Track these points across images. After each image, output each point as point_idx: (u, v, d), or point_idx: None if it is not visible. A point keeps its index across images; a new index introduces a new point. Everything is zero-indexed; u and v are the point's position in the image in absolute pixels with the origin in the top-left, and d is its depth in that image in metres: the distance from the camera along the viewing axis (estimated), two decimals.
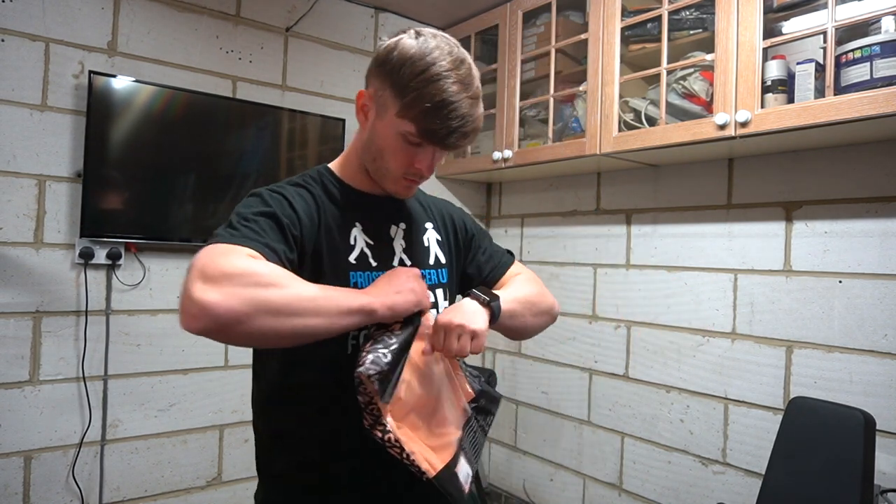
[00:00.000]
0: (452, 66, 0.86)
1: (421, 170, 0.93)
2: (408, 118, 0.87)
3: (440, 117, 0.85)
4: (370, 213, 0.99)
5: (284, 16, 2.27)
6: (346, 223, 0.96)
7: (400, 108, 0.87)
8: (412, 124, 0.87)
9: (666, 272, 2.01)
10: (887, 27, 1.35)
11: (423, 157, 0.92)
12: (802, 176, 1.69)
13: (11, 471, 1.77)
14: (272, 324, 0.72)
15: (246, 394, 2.36)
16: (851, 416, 1.31)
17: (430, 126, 0.86)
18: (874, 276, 1.54)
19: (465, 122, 0.87)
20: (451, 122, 0.85)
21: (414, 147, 0.90)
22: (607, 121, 1.85)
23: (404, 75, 0.86)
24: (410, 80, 0.85)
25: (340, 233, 0.94)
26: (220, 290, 0.69)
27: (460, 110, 0.86)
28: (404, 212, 1.04)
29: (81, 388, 1.87)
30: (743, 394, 1.78)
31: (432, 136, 0.87)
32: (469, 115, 0.87)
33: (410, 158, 0.91)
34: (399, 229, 1.02)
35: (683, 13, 1.73)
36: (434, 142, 0.88)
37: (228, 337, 0.72)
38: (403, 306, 0.86)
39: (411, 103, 0.86)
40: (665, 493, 1.97)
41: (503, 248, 1.20)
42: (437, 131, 0.86)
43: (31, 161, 1.79)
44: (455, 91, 0.85)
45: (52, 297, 1.82)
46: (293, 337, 0.76)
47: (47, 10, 1.81)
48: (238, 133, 2.09)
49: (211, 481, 2.12)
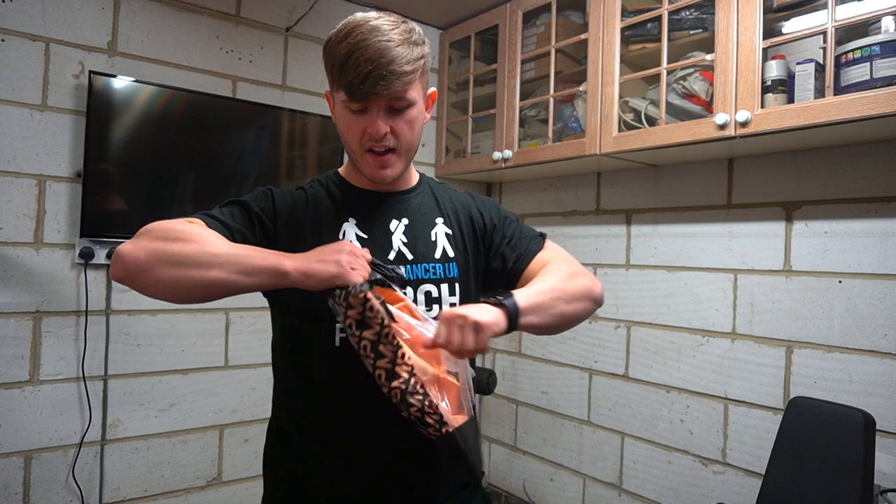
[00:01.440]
0: (359, 21, 0.88)
1: (372, 133, 0.90)
2: (336, 87, 0.90)
3: (350, 67, 0.85)
4: (368, 208, 1.01)
5: (284, 16, 2.27)
6: (337, 218, 0.98)
7: (330, 83, 0.92)
8: (341, 91, 0.89)
9: (666, 272, 2.01)
10: (887, 27, 1.35)
11: (369, 119, 0.90)
12: (802, 176, 1.69)
13: (11, 471, 1.77)
14: (172, 273, 0.79)
15: (246, 394, 2.36)
16: (851, 416, 1.31)
17: (347, 81, 0.86)
18: (874, 276, 1.54)
19: (377, 64, 0.85)
20: (360, 67, 0.85)
21: (357, 115, 0.91)
22: (607, 121, 1.85)
23: (326, 52, 0.91)
24: (327, 52, 0.90)
25: (330, 228, 0.97)
26: (134, 242, 0.81)
27: (367, 53, 0.85)
28: (408, 207, 1.04)
29: (81, 388, 1.87)
30: (743, 394, 1.78)
31: (354, 90, 0.86)
32: (380, 55, 0.85)
33: (360, 127, 0.91)
34: (401, 223, 1.01)
35: (683, 13, 1.73)
36: (358, 95, 0.87)
37: (135, 284, 0.81)
38: (320, 274, 0.81)
39: (331, 71, 0.90)
40: (665, 493, 1.97)
41: (533, 232, 1.10)
42: (353, 81, 0.85)
43: (31, 161, 1.79)
44: (360, 39, 0.85)
45: (52, 297, 1.82)
46: (192, 287, 0.80)
47: (47, 10, 1.81)
48: (238, 133, 2.09)
49: (211, 481, 2.12)
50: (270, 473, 1.04)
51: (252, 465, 2.20)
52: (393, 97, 0.89)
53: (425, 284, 0.99)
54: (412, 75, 0.89)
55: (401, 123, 0.92)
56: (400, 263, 0.98)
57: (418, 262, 0.99)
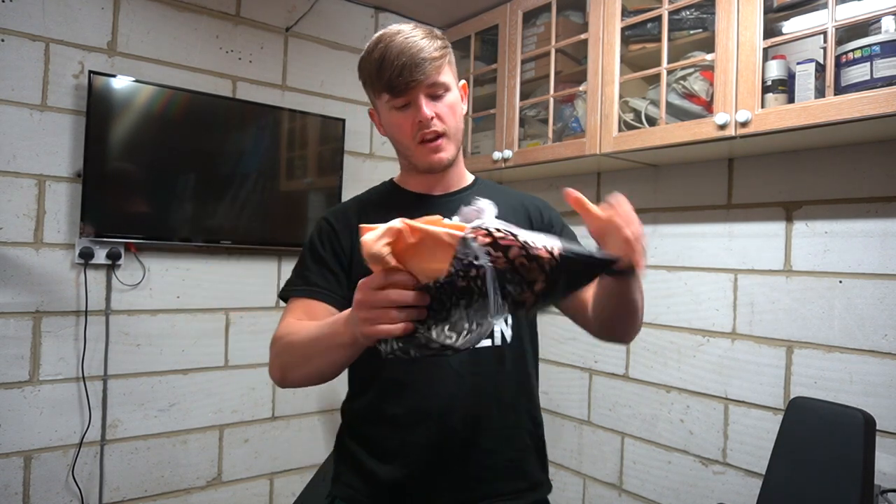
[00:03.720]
0: (383, 32, 0.98)
1: (421, 121, 0.97)
2: (379, 91, 0.98)
3: (385, 67, 0.94)
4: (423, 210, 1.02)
5: (284, 16, 2.26)
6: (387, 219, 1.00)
7: (373, 90, 1.01)
8: (384, 93, 0.97)
9: (666, 272, 2.01)
10: (887, 27, 1.35)
11: (414, 110, 0.97)
12: (802, 176, 1.69)
13: (11, 471, 1.77)
14: (296, 375, 0.94)
15: (246, 394, 2.36)
16: (851, 416, 1.31)
17: (385, 79, 0.95)
18: (874, 276, 1.54)
19: (408, 55, 0.94)
20: (395, 62, 0.93)
21: (402, 110, 0.98)
22: (607, 121, 1.85)
23: (361, 69, 1.02)
24: (363, 67, 1.00)
25: None
26: (271, 360, 0.99)
27: (396, 49, 0.94)
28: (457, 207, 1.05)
29: (81, 388, 1.87)
30: (743, 394, 1.78)
31: (394, 84, 0.95)
32: (408, 48, 0.94)
33: (409, 120, 0.98)
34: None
35: (683, 13, 1.73)
36: (398, 88, 0.95)
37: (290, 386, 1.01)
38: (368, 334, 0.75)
39: (370, 79, 0.99)
40: (665, 493, 1.97)
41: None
42: (391, 77, 0.94)
43: (31, 161, 1.79)
44: (388, 42, 0.95)
45: (52, 297, 1.82)
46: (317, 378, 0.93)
47: (47, 10, 1.81)
48: (238, 133, 2.09)
49: (211, 481, 2.12)
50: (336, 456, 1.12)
51: (252, 465, 2.21)
52: (430, 83, 0.96)
53: None
54: (441, 60, 0.97)
55: (443, 108, 0.99)
56: None
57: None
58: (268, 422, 2.24)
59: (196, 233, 2.02)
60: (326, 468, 2.06)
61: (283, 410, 2.28)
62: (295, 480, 2.29)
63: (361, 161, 2.45)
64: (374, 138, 2.49)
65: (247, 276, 2.18)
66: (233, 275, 2.15)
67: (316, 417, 2.36)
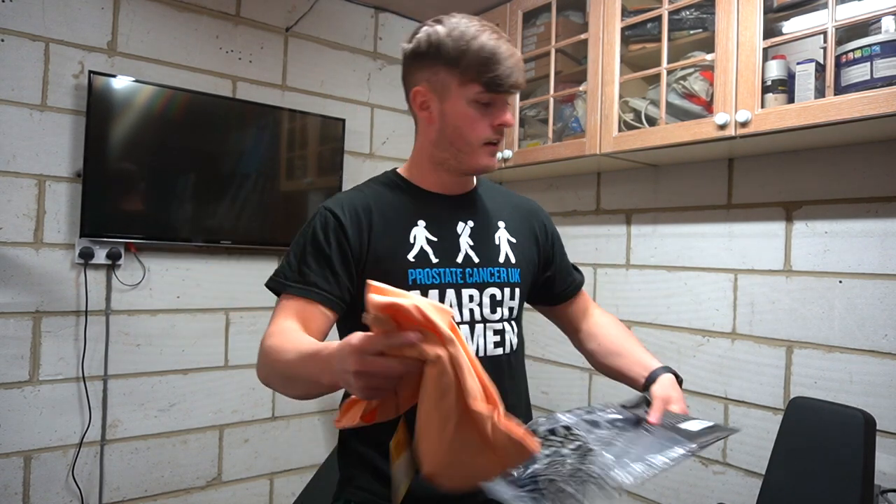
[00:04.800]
0: (483, 25, 0.96)
1: (503, 122, 0.96)
2: (470, 81, 0.93)
3: (496, 60, 0.92)
4: (436, 210, 1.03)
5: (284, 16, 2.26)
6: (406, 222, 1.00)
7: (460, 77, 0.94)
8: (476, 84, 0.93)
9: (666, 272, 2.01)
10: (887, 27, 1.35)
11: (500, 111, 0.96)
12: (802, 176, 1.69)
13: (11, 471, 1.77)
14: (284, 390, 0.89)
15: (246, 394, 2.36)
16: (851, 416, 1.30)
17: (491, 75, 0.92)
18: (874, 276, 1.54)
19: (517, 59, 0.94)
20: (508, 62, 0.92)
21: (485, 107, 0.95)
22: (607, 121, 1.85)
23: (450, 49, 0.93)
24: (457, 48, 0.93)
25: (399, 232, 0.99)
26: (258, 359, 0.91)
27: (509, 49, 0.94)
28: (473, 209, 1.07)
29: (81, 388, 1.87)
30: (743, 394, 1.78)
31: (498, 84, 0.92)
32: (517, 59, 0.95)
33: (488, 119, 0.96)
34: (466, 226, 1.04)
35: (683, 13, 1.73)
36: (501, 88, 0.93)
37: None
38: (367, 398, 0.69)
39: (468, 66, 0.92)
40: (665, 493, 1.97)
41: (571, 263, 1.23)
42: (499, 76, 0.92)
43: (31, 161, 1.79)
44: (497, 37, 0.94)
45: (52, 297, 1.82)
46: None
47: (47, 10, 1.81)
48: (238, 133, 2.09)
49: (211, 481, 2.12)
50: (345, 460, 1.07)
51: (252, 465, 2.20)
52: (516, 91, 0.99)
53: (490, 288, 1.02)
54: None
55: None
56: (467, 267, 1.01)
57: (484, 265, 1.02)
58: (268, 422, 2.24)
59: (196, 233, 2.02)
60: (327, 468, 2.06)
61: (283, 410, 2.28)
62: (295, 480, 2.29)
63: (361, 161, 2.45)
64: (374, 138, 2.50)
65: (247, 276, 2.18)
66: (233, 275, 2.15)
67: (316, 417, 2.36)
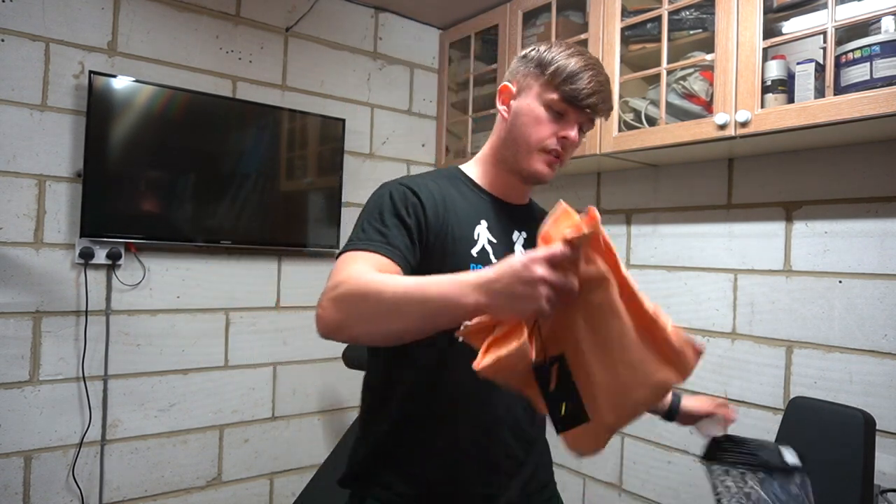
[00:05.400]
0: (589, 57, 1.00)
1: (566, 138, 0.98)
2: (551, 86, 0.97)
3: (580, 80, 0.95)
4: (496, 214, 1.06)
5: (284, 16, 2.27)
6: (472, 218, 1.02)
7: (544, 80, 0.98)
8: (555, 91, 0.97)
9: (666, 272, 2.01)
10: (887, 27, 1.35)
11: (567, 126, 0.99)
12: (802, 176, 1.69)
13: (11, 471, 1.77)
14: (364, 329, 0.80)
15: (246, 394, 2.36)
16: (851, 416, 1.30)
17: (572, 89, 0.95)
18: (874, 276, 1.54)
19: (605, 87, 0.97)
20: (591, 84, 0.95)
21: (557, 116, 0.98)
22: (607, 121, 1.85)
23: (546, 56, 0.99)
24: (552, 57, 0.98)
25: (466, 225, 1.00)
26: (329, 300, 0.81)
27: (601, 75, 0.97)
28: (527, 222, 1.09)
29: (81, 388, 1.87)
30: (743, 394, 1.78)
31: (575, 98, 0.96)
32: (605, 87, 0.97)
33: (554, 128, 0.99)
34: (521, 236, 1.07)
35: (683, 13, 1.73)
36: (576, 103, 0.96)
37: (338, 339, 0.83)
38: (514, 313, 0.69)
39: (554, 73, 0.97)
40: (665, 493, 1.97)
41: None
42: (580, 92, 0.95)
43: (31, 161, 1.79)
44: (594, 62, 0.98)
45: (52, 297, 1.82)
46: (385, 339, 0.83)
47: (47, 10, 1.81)
48: (238, 133, 2.09)
49: (211, 481, 2.12)
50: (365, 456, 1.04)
51: (252, 465, 2.21)
52: (591, 119, 1.00)
53: None
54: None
55: (576, 143, 1.01)
56: None
57: None
58: (268, 422, 2.24)
59: (196, 233, 2.02)
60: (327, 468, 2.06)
61: (283, 410, 2.28)
62: (295, 480, 2.29)
63: (361, 161, 2.45)
64: (374, 138, 2.50)
65: (247, 276, 2.18)
66: (233, 275, 2.15)
67: (316, 417, 2.36)
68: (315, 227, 2.27)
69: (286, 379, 2.28)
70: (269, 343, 2.24)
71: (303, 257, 2.31)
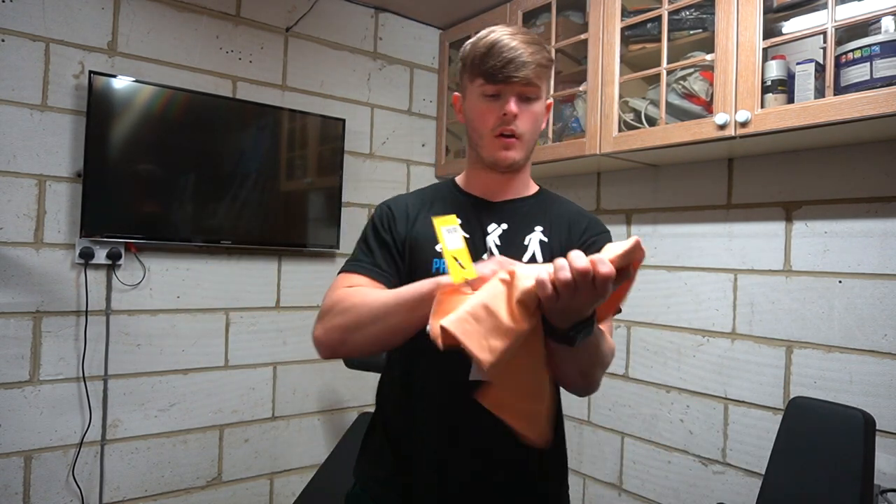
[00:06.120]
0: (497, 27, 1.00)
1: (506, 114, 0.98)
2: (475, 75, 1.00)
3: (492, 56, 0.96)
4: (473, 211, 1.08)
5: (284, 16, 2.27)
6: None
7: (468, 74, 1.02)
8: (479, 77, 0.99)
9: (666, 272, 2.01)
10: (887, 27, 1.35)
11: (502, 103, 0.99)
12: (802, 176, 1.69)
13: (11, 471, 1.77)
14: (361, 337, 0.90)
15: (246, 394, 2.36)
16: (851, 416, 1.31)
17: (488, 67, 0.97)
18: (874, 276, 1.54)
19: (518, 54, 0.96)
20: (504, 54, 0.96)
21: (492, 99, 1.00)
22: (607, 121, 1.85)
23: (463, 52, 1.04)
24: (467, 50, 1.02)
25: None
26: (322, 326, 0.95)
27: (510, 44, 0.96)
28: (512, 213, 1.09)
29: (81, 388, 1.87)
30: (743, 394, 1.78)
31: (494, 75, 0.97)
32: (521, 48, 0.96)
33: (493, 111, 1.00)
34: (499, 227, 1.07)
35: (683, 13, 1.73)
36: (498, 79, 0.97)
37: (340, 356, 0.97)
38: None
39: (471, 62, 1.00)
40: (665, 493, 1.97)
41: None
42: (495, 66, 0.96)
43: (31, 161, 1.79)
44: (501, 35, 0.97)
45: (52, 297, 1.82)
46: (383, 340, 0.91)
47: (47, 10, 1.81)
48: (238, 133, 2.09)
49: (211, 481, 2.12)
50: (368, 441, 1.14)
51: (252, 465, 2.21)
52: (525, 83, 0.98)
53: None
54: (545, 69, 1.00)
55: (526, 113, 1.00)
56: None
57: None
58: (268, 422, 2.24)
59: (196, 233, 2.02)
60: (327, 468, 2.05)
61: (283, 410, 2.28)
62: (295, 480, 2.29)
63: (361, 161, 2.45)
64: (374, 138, 2.50)
65: (247, 276, 2.18)
66: (233, 275, 2.15)
67: (316, 417, 2.36)
68: (315, 226, 2.27)
69: (286, 379, 2.28)
70: (269, 343, 2.24)
71: (303, 257, 2.31)
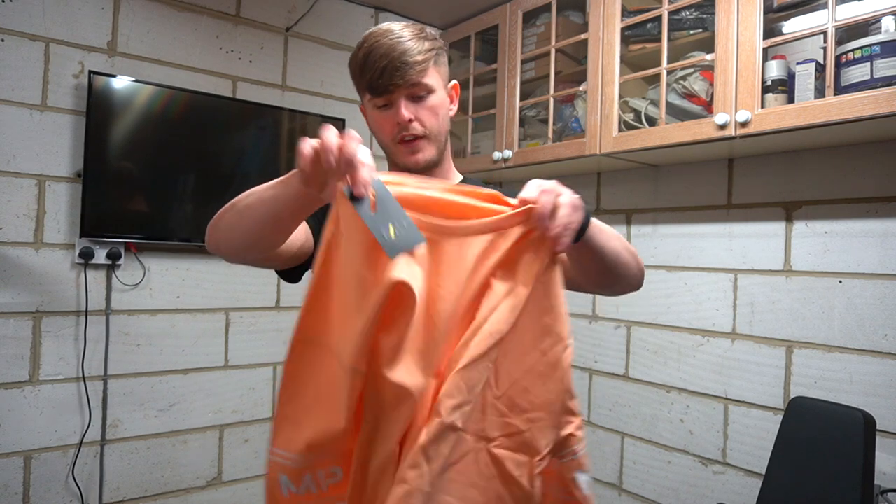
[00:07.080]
0: (373, 29, 0.98)
1: (399, 123, 0.98)
2: (362, 90, 1.00)
3: (368, 66, 0.95)
4: None
5: (284, 16, 2.27)
6: None
7: (358, 91, 1.02)
8: (366, 92, 0.99)
9: (666, 272, 2.01)
10: (887, 27, 1.35)
11: (394, 111, 0.98)
12: (802, 176, 1.69)
13: (11, 471, 1.77)
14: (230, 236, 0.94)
15: (246, 394, 2.36)
16: (851, 416, 1.31)
17: (367, 79, 0.96)
18: (874, 276, 1.54)
19: (390, 58, 0.93)
20: (377, 63, 0.94)
21: (383, 110, 0.99)
22: (607, 121, 1.85)
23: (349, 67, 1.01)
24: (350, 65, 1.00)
25: None
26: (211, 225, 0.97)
27: (381, 50, 0.94)
28: None
29: (81, 388, 1.87)
30: (743, 394, 1.78)
31: (374, 85, 0.96)
32: (396, 51, 0.94)
33: (389, 120, 0.99)
34: None
35: (683, 13, 1.73)
36: (379, 90, 0.96)
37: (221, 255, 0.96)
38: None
39: (355, 76, 0.99)
40: (665, 493, 1.97)
41: None
42: (373, 78, 0.95)
43: (31, 161, 1.79)
44: (373, 42, 0.95)
45: (52, 297, 1.82)
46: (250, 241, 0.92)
47: (47, 10, 1.81)
48: (238, 133, 2.09)
49: (211, 481, 2.12)
50: None
51: (252, 465, 2.20)
52: (410, 85, 0.96)
53: None
54: (424, 64, 0.97)
55: (423, 111, 0.99)
56: None
57: None
58: (268, 422, 2.24)
59: (196, 233, 2.01)
60: None
61: None
62: None
63: None
64: (373, 138, 2.49)
65: (247, 276, 2.18)
66: (233, 275, 2.15)
67: None
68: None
69: None
70: (269, 343, 2.24)
71: None
